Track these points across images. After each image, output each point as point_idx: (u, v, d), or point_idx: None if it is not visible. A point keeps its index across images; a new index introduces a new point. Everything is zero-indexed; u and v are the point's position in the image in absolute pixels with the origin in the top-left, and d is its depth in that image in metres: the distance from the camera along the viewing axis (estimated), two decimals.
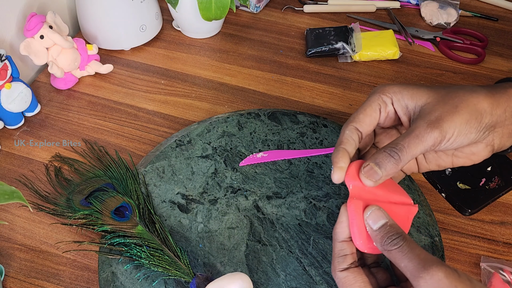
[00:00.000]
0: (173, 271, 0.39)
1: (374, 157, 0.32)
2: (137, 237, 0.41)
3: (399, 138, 0.32)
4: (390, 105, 0.35)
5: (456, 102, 0.32)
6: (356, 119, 0.34)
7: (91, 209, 0.43)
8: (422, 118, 0.32)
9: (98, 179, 0.47)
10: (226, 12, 0.59)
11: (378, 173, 0.31)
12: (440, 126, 0.31)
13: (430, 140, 0.31)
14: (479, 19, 0.71)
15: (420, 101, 0.33)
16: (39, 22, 0.53)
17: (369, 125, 0.34)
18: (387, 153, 0.31)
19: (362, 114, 0.34)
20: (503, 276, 0.40)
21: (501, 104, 0.33)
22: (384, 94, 0.34)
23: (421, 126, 0.31)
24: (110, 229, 0.42)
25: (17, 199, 0.35)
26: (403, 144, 0.31)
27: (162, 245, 0.40)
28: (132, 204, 0.44)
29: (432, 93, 0.33)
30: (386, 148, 0.32)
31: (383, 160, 0.31)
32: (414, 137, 0.31)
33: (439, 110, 0.32)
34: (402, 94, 0.34)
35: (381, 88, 0.35)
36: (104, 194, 0.44)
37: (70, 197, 0.46)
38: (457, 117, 0.31)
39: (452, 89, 0.34)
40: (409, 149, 0.31)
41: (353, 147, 0.34)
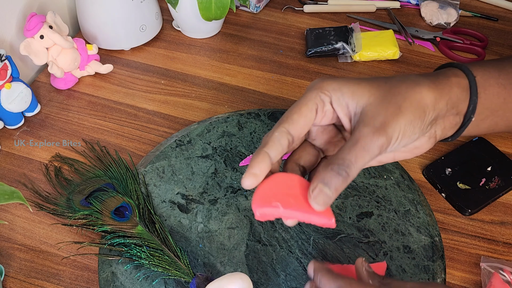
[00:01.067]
0: (173, 271, 0.39)
1: (320, 176, 0.28)
2: (137, 237, 0.41)
3: (344, 151, 0.29)
4: (328, 105, 0.31)
5: (399, 100, 0.30)
6: (289, 120, 0.30)
7: (91, 209, 0.43)
8: (366, 124, 0.29)
9: (98, 179, 0.47)
10: (226, 12, 0.59)
11: (328, 194, 0.28)
12: (385, 133, 0.29)
13: (376, 149, 0.29)
14: (479, 19, 0.71)
15: (362, 101, 0.30)
16: (39, 22, 0.53)
17: (302, 127, 0.31)
18: (334, 172, 0.28)
19: (297, 115, 0.30)
20: (503, 276, 0.40)
21: (443, 96, 0.31)
22: (322, 92, 0.30)
23: (366, 135, 0.29)
24: (110, 229, 0.42)
25: (17, 199, 0.35)
26: (350, 159, 0.28)
27: (162, 245, 0.40)
28: (132, 204, 0.44)
29: (374, 90, 0.30)
30: (333, 165, 0.28)
31: (332, 179, 0.28)
32: (361, 149, 0.28)
33: (382, 114, 0.29)
34: (342, 91, 0.30)
35: (319, 84, 0.31)
36: (104, 194, 0.44)
37: (70, 197, 0.46)
38: (401, 119, 0.29)
39: (394, 82, 0.31)
40: (357, 163, 0.28)
41: (279, 152, 0.29)
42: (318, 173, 0.29)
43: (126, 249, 0.40)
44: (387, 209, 0.45)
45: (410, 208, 0.45)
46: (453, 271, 0.42)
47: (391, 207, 0.45)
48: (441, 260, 0.41)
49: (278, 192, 0.29)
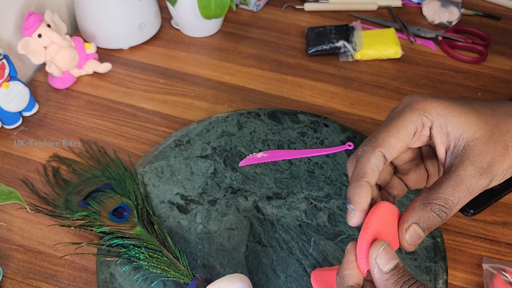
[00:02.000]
0: (172, 273, 0.39)
1: (417, 215, 0.26)
2: (135, 238, 0.41)
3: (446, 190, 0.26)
4: (427, 129, 0.28)
5: (507, 140, 0.27)
6: (386, 144, 0.27)
7: (89, 210, 0.43)
8: (471, 162, 0.26)
9: (97, 179, 0.47)
10: (225, 10, 0.58)
11: (421, 236, 0.26)
12: (490, 174, 0.26)
13: (479, 190, 0.26)
14: (481, 17, 0.70)
15: (467, 134, 0.27)
16: (37, 21, 0.52)
17: (397, 152, 0.28)
18: (434, 213, 0.25)
19: (394, 138, 0.27)
20: (505, 277, 0.40)
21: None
22: (425, 115, 0.27)
23: (472, 176, 0.26)
24: (109, 230, 0.41)
25: (14, 200, 0.34)
26: (453, 201, 0.26)
27: (161, 246, 0.40)
28: (131, 204, 0.43)
29: (481, 124, 0.27)
30: (433, 206, 0.26)
31: (429, 221, 0.26)
32: (465, 190, 0.26)
33: (490, 153, 0.27)
34: (447, 118, 0.27)
35: (421, 105, 0.28)
36: (103, 194, 0.44)
37: (68, 198, 0.45)
38: (506, 161, 0.27)
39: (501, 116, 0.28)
40: (459, 205, 0.26)
41: (376, 179, 0.27)
42: (412, 210, 0.26)
43: (125, 250, 0.40)
44: None
45: None
46: (455, 272, 0.42)
47: None
48: (443, 261, 0.41)
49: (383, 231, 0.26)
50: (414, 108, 0.28)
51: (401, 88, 0.59)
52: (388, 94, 0.58)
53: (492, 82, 0.60)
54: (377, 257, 0.25)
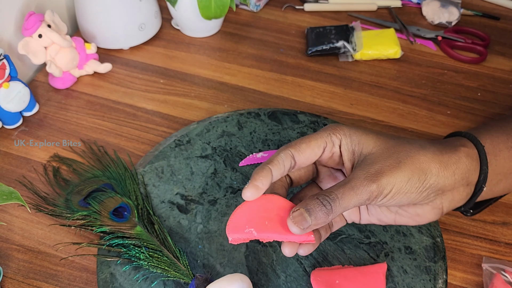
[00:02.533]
0: (172, 272, 0.39)
1: (305, 202, 0.29)
2: (136, 238, 0.41)
3: (334, 187, 0.30)
4: (337, 147, 0.33)
5: (401, 157, 0.31)
6: (297, 147, 0.32)
7: (90, 210, 0.43)
8: (361, 169, 0.30)
9: (97, 179, 0.47)
10: (226, 10, 0.58)
11: (307, 220, 0.29)
12: (378, 181, 0.29)
13: (366, 194, 0.29)
14: (481, 18, 0.70)
15: (366, 149, 0.32)
16: (37, 21, 0.52)
17: (307, 158, 0.32)
18: (319, 201, 0.29)
19: (305, 144, 0.32)
20: (505, 277, 0.40)
21: (450, 165, 0.32)
22: (334, 134, 0.32)
23: (358, 178, 0.30)
24: (109, 230, 0.41)
25: (15, 200, 0.34)
26: (336, 194, 0.29)
27: (161, 246, 0.40)
28: (131, 204, 0.43)
29: (379, 142, 0.32)
30: (319, 195, 0.29)
31: (314, 207, 0.29)
32: (350, 188, 0.29)
33: (380, 163, 0.30)
34: (351, 138, 0.32)
35: (333, 127, 0.33)
36: (103, 194, 0.44)
37: (68, 197, 0.45)
38: (398, 174, 0.30)
39: (401, 141, 0.32)
40: (343, 200, 0.29)
41: (280, 172, 0.31)
42: (304, 200, 0.30)
43: (125, 250, 0.40)
44: None
45: None
46: (454, 272, 0.42)
47: None
48: (442, 261, 0.41)
49: (254, 216, 0.30)
50: (326, 129, 0.33)
51: (401, 88, 0.59)
52: (388, 94, 0.58)
53: (492, 82, 0.60)
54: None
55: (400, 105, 0.57)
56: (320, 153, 0.33)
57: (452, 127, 0.54)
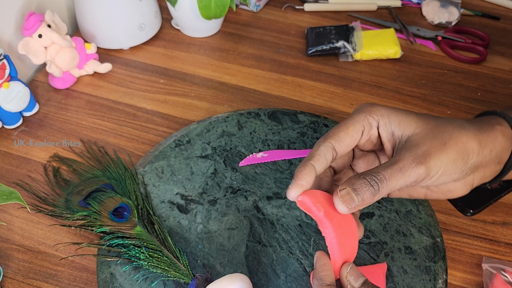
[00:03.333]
0: (172, 272, 0.39)
1: (351, 182, 0.29)
2: (136, 238, 0.41)
3: (381, 167, 0.29)
4: (375, 129, 0.32)
5: (446, 138, 0.30)
6: (335, 137, 0.31)
7: (90, 210, 0.43)
8: (408, 150, 0.30)
9: (97, 179, 0.47)
10: (225, 10, 0.58)
11: (354, 199, 0.28)
12: (426, 163, 0.29)
13: (413, 176, 0.29)
14: (481, 18, 0.70)
15: (408, 130, 0.31)
16: (37, 21, 0.52)
17: (347, 146, 0.31)
18: (366, 181, 0.28)
19: (343, 133, 0.31)
20: (505, 277, 0.40)
21: (488, 144, 0.32)
22: (371, 116, 0.31)
23: (406, 159, 0.29)
24: (109, 230, 0.41)
25: (15, 200, 0.34)
26: (384, 174, 0.29)
27: (161, 246, 0.40)
28: (131, 204, 0.43)
29: (421, 123, 0.31)
30: (366, 175, 0.29)
31: (362, 187, 0.28)
32: (398, 170, 0.29)
33: (427, 144, 0.30)
34: (390, 118, 0.31)
35: (368, 108, 0.32)
36: (103, 194, 0.44)
37: (68, 198, 0.45)
38: (445, 155, 0.30)
39: (442, 121, 0.32)
40: (390, 181, 0.29)
41: (323, 166, 0.30)
42: (348, 179, 0.29)
43: (125, 250, 0.40)
44: (388, 209, 0.44)
45: (411, 208, 0.44)
46: (454, 272, 0.42)
47: (392, 207, 0.44)
48: (442, 261, 0.41)
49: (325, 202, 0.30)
50: (361, 111, 0.32)
51: (401, 88, 0.59)
52: (387, 94, 0.58)
53: (492, 82, 0.60)
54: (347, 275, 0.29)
55: (400, 105, 0.57)
56: (359, 137, 0.32)
57: None
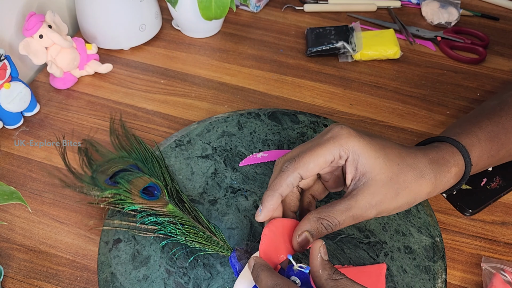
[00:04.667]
0: (211, 246, 0.39)
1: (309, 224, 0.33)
2: (168, 215, 0.41)
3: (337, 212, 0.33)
4: (343, 160, 0.34)
5: (401, 188, 0.34)
6: (305, 168, 0.34)
7: (120, 188, 0.43)
8: (364, 198, 0.33)
9: (122, 160, 0.47)
10: (226, 11, 0.59)
11: (310, 241, 0.33)
12: (375, 210, 0.34)
13: (363, 219, 0.34)
14: (480, 18, 0.70)
15: (370, 174, 0.34)
16: (38, 21, 0.53)
17: (313, 174, 0.34)
18: (323, 226, 0.33)
19: (313, 164, 0.34)
20: (504, 276, 0.40)
21: (439, 187, 0.36)
22: (343, 150, 0.34)
23: (360, 208, 0.33)
24: (140, 207, 0.41)
25: (16, 200, 0.35)
26: (339, 221, 0.33)
27: (195, 222, 0.41)
28: (160, 184, 0.43)
29: (384, 170, 0.34)
30: (323, 220, 0.33)
31: (318, 230, 0.33)
32: (351, 217, 0.33)
33: (381, 195, 0.33)
34: (359, 158, 0.34)
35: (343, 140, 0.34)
36: (130, 174, 0.44)
37: (94, 175, 0.45)
38: (394, 203, 0.34)
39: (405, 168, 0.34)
40: (342, 225, 0.33)
41: (287, 192, 0.34)
42: (307, 221, 0.33)
43: (159, 226, 0.41)
44: None
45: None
46: (454, 272, 0.42)
47: None
48: (442, 260, 0.41)
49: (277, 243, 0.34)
50: (336, 142, 0.34)
51: (400, 88, 0.59)
52: (387, 95, 0.58)
53: (491, 83, 0.60)
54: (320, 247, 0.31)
55: (400, 105, 0.57)
56: (326, 165, 0.34)
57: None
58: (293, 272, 0.32)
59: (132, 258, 0.41)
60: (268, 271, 0.31)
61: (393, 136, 0.53)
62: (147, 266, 0.40)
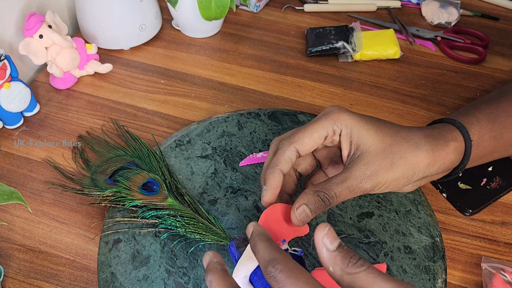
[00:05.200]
0: (210, 236, 0.40)
1: (306, 198, 0.33)
2: (168, 208, 0.42)
3: (333, 183, 0.33)
4: (337, 136, 0.35)
5: (396, 158, 0.34)
6: (300, 142, 0.34)
7: (119, 187, 0.43)
8: (358, 168, 0.33)
9: (120, 158, 0.47)
10: (226, 11, 0.59)
11: (308, 215, 0.33)
12: (371, 181, 0.33)
13: (360, 192, 0.33)
14: (480, 18, 0.70)
15: (364, 145, 0.34)
16: (38, 21, 0.53)
17: (310, 149, 0.35)
18: (319, 198, 0.33)
19: (308, 139, 0.34)
20: (504, 276, 0.40)
21: (438, 161, 0.35)
22: (335, 124, 0.34)
23: (355, 178, 0.33)
24: (141, 203, 0.42)
25: (16, 200, 0.35)
26: (335, 192, 0.33)
27: (195, 214, 0.42)
28: (158, 179, 0.44)
29: (377, 141, 0.34)
30: (320, 193, 0.33)
31: (315, 203, 0.33)
32: (347, 188, 0.33)
33: (375, 165, 0.33)
34: (352, 130, 0.34)
35: (335, 115, 0.34)
36: (129, 172, 0.45)
37: (93, 177, 0.46)
38: (390, 174, 0.34)
39: (398, 138, 0.34)
40: (339, 198, 0.33)
41: (288, 168, 0.35)
42: (304, 194, 0.33)
43: (160, 220, 0.41)
44: (387, 209, 0.44)
45: (411, 208, 0.45)
46: (454, 272, 0.42)
47: (391, 207, 0.45)
48: (442, 260, 0.41)
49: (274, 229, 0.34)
50: (329, 118, 0.35)
51: (400, 88, 0.59)
52: (387, 95, 0.58)
53: (491, 83, 0.60)
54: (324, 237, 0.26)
55: (400, 105, 0.57)
56: (322, 141, 0.35)
57: None
58: None
59: (132, 258, 0.41)
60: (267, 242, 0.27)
61: None
62: (147, 266, 0.40)
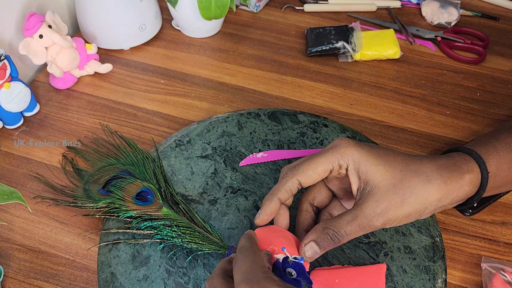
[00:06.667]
0: (208, 245, 0.40)
1: (316, 235, 0.33)
2: (164, 218, 0.41)
3: (343, 222, 0.33)
4: (343, 170, 0.35)
5: (406, 194, 0.33)
6: (303, 174, 0.34)
7: (112, 197, 0.43)
8: (369, 205, 0.33)
9: (112, 167, 0.47)
10: (226, 11, 0.59)
11: (317, 252, 0.33)
12: (382, 219, 0.33)
13: (370, 229, 0.33)
14: (480, 18, 0.70)
15: (373, 181, 0.33)
16: (38, 21, 0.53)
17: (313, 181, 0.35)
18: (329, 236, 0.33)
19: (312, 172, 0.34)
20: (504, 276, 0.40)
21: (451, 194, 0.34)
22: (342, 158, 0.34)
23: (365, 216, 0.33)
24: (135, 214, 0.41)
25: (16, 200, 0.35)
26: (345, 231, 0.33)
27: (191, 223, 0.41)
28: (153, 188, 0.43)
29: (386, 176, 0.33)
30: (329, 231, 0.33)
31: (324, 241, 0.33)
32: (357, 226, 0.33)
33: (386, 201, 0.33)
34: (359, 165, 0.34)
35: (342, 149, 0.34)
36: (122, 181, 0.44)
37: (86, 187, 0.45)
38: (401, 211, 0.33)
39: (409, 174, 0.33)
40: (350, 236, 0.33)
41: (288, 197, 0.35)
42: (314, 231, 0.33)
43: (155, 231, 0.41)
44: None
45: None
46: (454, 272, 0.42)
47: None
48: (442, 260, 0.41)
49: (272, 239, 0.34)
50: (335, 151, 0.34)
51: (400, 88, 0.59)
52: (387, 95, 0.58)
53: (491, 83, 0.60)
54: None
55: (400, 105, 0.57)
56: (326, 175, 0.35)
57: (451, 127, 0.54)
58: (288, 264, 0.32)
59: (132, 258, 0.41)
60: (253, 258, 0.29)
61: (393, 136, 0.53)
62: (147, 266, 0.40)
